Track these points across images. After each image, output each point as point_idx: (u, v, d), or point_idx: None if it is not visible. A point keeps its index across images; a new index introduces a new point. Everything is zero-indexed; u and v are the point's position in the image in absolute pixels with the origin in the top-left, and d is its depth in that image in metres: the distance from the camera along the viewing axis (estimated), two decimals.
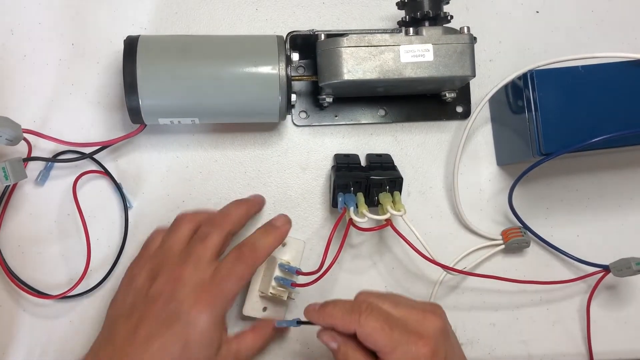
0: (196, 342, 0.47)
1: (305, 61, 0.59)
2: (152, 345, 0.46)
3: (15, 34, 0.58)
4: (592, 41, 0.63)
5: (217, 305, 0.48)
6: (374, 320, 0.46)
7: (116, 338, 0.47)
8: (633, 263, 0.56)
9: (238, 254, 0.50)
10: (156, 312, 0.47)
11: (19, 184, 0.56)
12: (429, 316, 0.47)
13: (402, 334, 0.45)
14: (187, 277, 0.48)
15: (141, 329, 0.47)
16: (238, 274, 0.49)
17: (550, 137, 0.53)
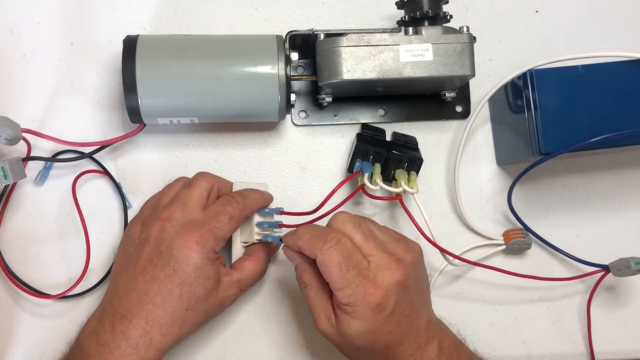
0: (193, 279, 0.48)
1: (304, 61, 0.59)
2: (151, 289, 0.47)
3: (14, 34, 0.58)
4: (591, 41, 0.63)
5: (207, 242, 0.48)
6: (334, 254, 0.46)
7: (119, 289, 0.49)
8: (632, 263, 0.56)
9: (228, 198, 0.51)
10: (149, 255, 0.48)
11: (19, 184, 0.56)
12: (392, 264, 0.46)
13: (356, 276, 0.45)
14: (174, 218, 0.49)
15: (138, 275, 0.48)
16: (228, 213, 0.50)
17: (550, 136, 0.53)
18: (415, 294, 0.48)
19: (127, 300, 0.48)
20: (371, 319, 0.46)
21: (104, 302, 0.50)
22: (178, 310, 0.48)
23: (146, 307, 0.47)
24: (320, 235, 0.47)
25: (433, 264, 0.59)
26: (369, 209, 0.60)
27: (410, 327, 0.48)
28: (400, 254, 0.48)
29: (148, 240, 0.49)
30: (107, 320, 0.47)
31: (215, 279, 0.49)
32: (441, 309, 0.54)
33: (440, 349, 0.48)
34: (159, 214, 0.50)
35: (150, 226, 0.49)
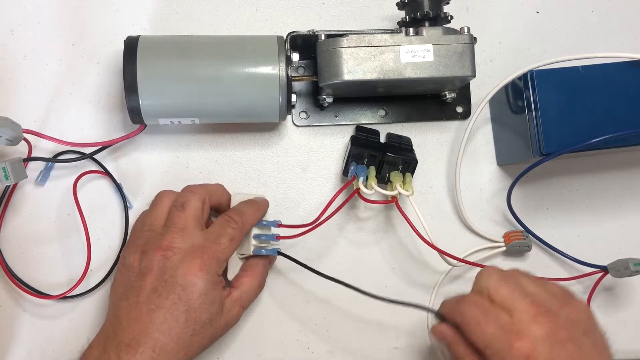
0: (198, 305, 0.47)
1: (305, 61, 0.59)
2: (157, 317, 0.47)
3: (15, 34, 0.58)
4: (592, 41, 0.63)
5: (211, 267, 0.48)
6: (470, 311, 0.45)
7: (121, 319, 0.48)
8: (631, 264, 0.56)
9: (226, 218, 0.51)
10: (152, 285, 0.48)
11: (19, 184, 0.56)
12: (540, 317, 0.43)
13: (498, 331, 0.43)
14: (175, 245, 0.48)
15: (142, 304, 0.47)
16: (228, 235, 0.50)
17: (551, 137, 0.53)
18: (578, 353, 0.43)
19: (131, 329, 0.47)
20: None
21: (105, 331, 0.49)
22: (184, 337, 0.47)
23: (152, 336, 0.46)
24: (459, 300, 0.47)
25: (433, 266, 0.59)
26: (365, 212, 0.60)
27: None
28: (553, 307, 0.44)
29: (150, 269, 0.48)
30: (112, 349, 0.46)
31: (219, 302, 0.49)
32: None
33: None
34: (159, 243, 0.49)
35: (151, 256, 0.48)
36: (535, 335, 0.43)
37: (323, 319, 0.59)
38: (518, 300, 0.44)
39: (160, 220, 0.51)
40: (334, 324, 0.59)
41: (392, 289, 0.60)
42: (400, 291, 0.60)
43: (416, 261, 0.60)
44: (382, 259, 0.60)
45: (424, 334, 0.60)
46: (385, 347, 0.60)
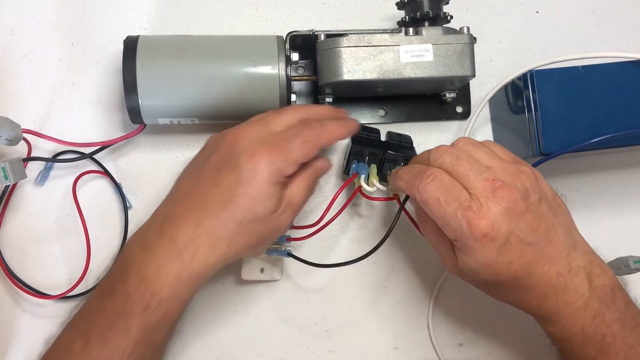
0: (254, 193, 0.44)
1: (305, 61, 0.59)
2: (209, 194, 0.44)
3: (14, 34, 0.58)
4: (592, 41, 0.63)
5: (277, 161, 0.44)
6: (430, 191, 0.44)
7: (176, 194, 0.47)
8: (631, 261, 0.56)
9: (306, 123, 0.48)
10: (215, 162, 0.46)
11: (19, 184, 0.56)
12: (499, 192, 0.43)
13: (457, 209, 0.43)
14: (251, 131, 0.46)
15: (199, 179, 0.45)
16: (303, 137, 0.46)
17: (550, 137, 0.53)
18: (537, 220, 0.44)
19: (181, 204, 0.45)
20: (483, 252, 0.43)
21: (157, 209, 0.47)
22: (231, 223, 0.44)
23: (199, 213, 0.44)
24: (417, 174, 0.46)
25: (437, 262, 0.59)
26: (366, 209, 0.60)
27: (539, 255, 0.44)
28: (509, 179, 0.44)
29: (219, 148, 0.46)
30: (156, 223, 0.45)
31: (276, 201, 0.45)
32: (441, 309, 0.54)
33: (590, 285, 0.44)
34: (237, 129, 0.47)
35: (225, 135, 0.47)
36: (493, 212, 0.43)
37: (323, 318, 0.59)
38: (474, 177, 0.44)
39: (254, 118, 0.49)
40: (334, 324, 0.59)
41: (391, 289, 0.60)
42: (400, 291, 0.60)
43: (417, 258, 0.60)
44: (385, 255, 0.60)
45: (425, 335, 0.60)
46: (385, 347, 0.60)
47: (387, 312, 0.60)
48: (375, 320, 0.60)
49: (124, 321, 0.43)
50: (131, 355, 0.44)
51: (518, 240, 0.43)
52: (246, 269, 0.56)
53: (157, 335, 0.45)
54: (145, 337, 0.44)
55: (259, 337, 0.58)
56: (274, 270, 0.57)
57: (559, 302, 0.44)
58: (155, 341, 0.45)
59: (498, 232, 0.43)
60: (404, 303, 0.60)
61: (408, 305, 0.60)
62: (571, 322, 0.44)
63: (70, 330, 0.47)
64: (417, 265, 0.60)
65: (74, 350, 0.44)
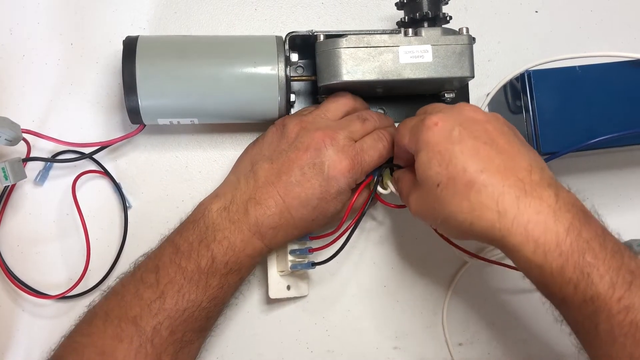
0: (331, 199, 0.50)
1: (304, 61, 0.59)
2: (293, 191, 0.49)
3: (14, 34, 0.58)
4: (591, 41, 0.63)
5: (355, 172, 0.50)
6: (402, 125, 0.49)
7: (259, 176, 0.51)
8: (635, 244, 0.57)
9: (382, 134, 0.53)
10: (302, 161, 0.50)
11: (19, 184, 0.56)
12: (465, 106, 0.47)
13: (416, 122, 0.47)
14: (338, 138, 0.50)
15: (284, 173, 0.50)
16: (379, 150, 0.52)
17: (548, 137, 0.53)
18: (498, 132, 0.44)
19: (265, 190, 0.50)
20: (434, 140, 0.44)
21: (234, 183, 0.52)
22: (306, 219, 0.50)
23: (282, 206, 0.49)
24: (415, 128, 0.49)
25: (437, 262, 0.60)
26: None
27: (494, 155, 0.43)
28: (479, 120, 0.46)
29: (307, 147, 0.50)
30: (242, 203, 0.50)
31: (345, 203, 0.52)
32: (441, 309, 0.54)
33: (557, 197, 0.41)
34: (324, 128, 0.51)
35: (312, 134, 0.50)
36: (446, 114, 0.45)
37: (322, 318, 0.59)
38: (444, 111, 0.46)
39: (336, 115, 0.53)
40: (334, 323, 0.59)
41: (390, 289, 0.60)
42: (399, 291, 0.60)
43: (417, 259, 0.60)
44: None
45: (424, 334, 0.60)
46: (385, 347, 0.60)
47: (386, 312, 0.60)
48: (374, 320, 0.60)
49: (206, 279, 0.49)
50: (205, 309, 0.49)
51: (472, 136, 0.43)
52: (273, 288, 0.56)
53: (229, 293, 0.52)
54: (221, 294, 0.50)
55: (259, 337, 0.58)
56: (301, 286, 0.57)
57: (520, 207, 0.40)
58: (226, 299, 0.52)
59: (449, 124, 0.44)
60: (403, 303, 0.60)
61: (407, 305, 0.60)
62: (542, 235, 0.40)
63: (135, 284, 0.49)
64: (416, 265, 0.60)
65: (145, 300, 0.48)
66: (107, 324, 0.48)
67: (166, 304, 0.47)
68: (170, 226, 0.53)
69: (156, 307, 0.47)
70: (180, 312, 0.48)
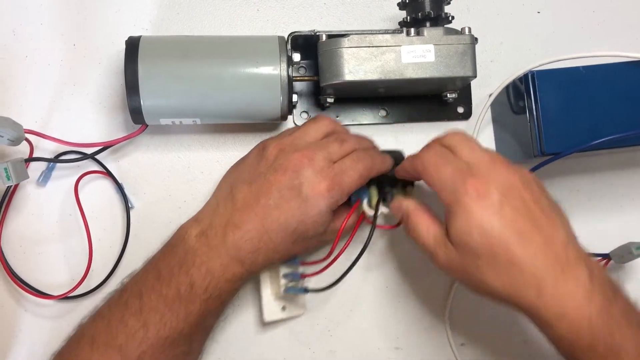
0: (311, 222, 0.49)
1: (306, 62, 0.59)
2: (271, 214, 0.49)
3: (16, 35, 0.58)
4: (593, 42, 0.63)
5: (334, 194, 0.49)
6: (429, 156, 0.48)
7: (237, 200, 0.50)
8: (633, 248, 0.57)
9: (362, 154, 0.52)
10: (280, 183, 0.49)
11: (21, 185, 0.56)
12: (497, 165, 0.45)
13: (454, 172, 0.45)
14: (315, 161, 0.49)
15: (262, 196, 0.49)
16: (358, 171, 0.50)
17: (552, 137, 0.53)
18: (534, 202, 0.44)
19: (243, 214, 0.49)
20: (476, 210, 0.43)
21: (213, 207, 0.51)
22: (286, 242, 0.49)
23: (261, 230, 0.48)
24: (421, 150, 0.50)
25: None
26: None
27: (534, 231, 0.43)
28: (512, 164, 0.46)
29: (285, 169, 0.49)
30: (220, 227, 0.49)
31: (326, 226, 0.51)
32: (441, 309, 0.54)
33: (590, 276, 0.42)
34: (302, 149, 0.50)
35: (291, 156, 0.49)
36: (491, 179, 0.44)
37: (324, 319, 0.59)
38: (479, 154, 0.46)
39: (315, 136, 0.52)
40: (335, 323, 0.59)
41: (392, 289, 0.60)
42: (401, 291, 0.60)
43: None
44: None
45: (426, 335, 0.60)
46: (386, 347, 0.60)
47: (388, 312, 0.60)
48: (376, 320, 0.60)
49: (186, 305, 0.48)
50: (187, 335, 0.49)
51: (512, 209, 0.43)
52: (267, 311, 0.56)
53: (212, 318, 0.51)
54: (201, 320, 0.49)
55: (260, 337, 0.58)
56: (295, 306, 0.57)
57: (558, 288, 0.42)
58: (209, 324, 0.52)
59: (491, 195, 0.43)
60: (405, 303, 0.60)
61: (409, 305, 0.60)
62: (577, 314, 0.41)
63: (121, 309, 0.49)
64: (418, 266, 0.60)
65: (130, 327, 0.47)
66: (93, 349, 0.47)
67: (149, 332, 0.47)
68: (172, 227, 0.53)
69: (140, 337, 0.47)
70: (163, 340, 0.47)
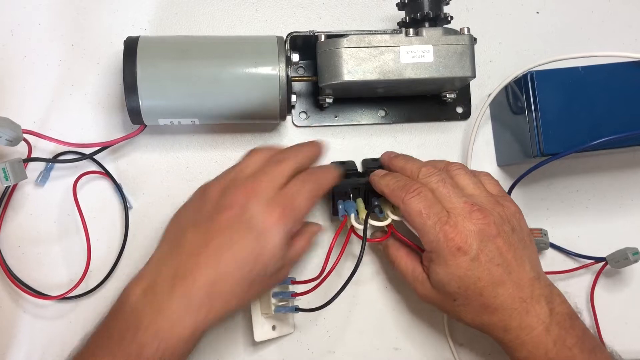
0: (268, 257, 0.46)
1: (305, 62, 0.59)
2: (223, 255, 0.45)
3: (15, 35, 0.58)
4: (592, 42, 0.63)
5: (288, 221, 0.47)
6: (415, 203, 0.49)
7: (184, 247, 0.46)
8: (629, 253, 0.57)
9: (306, 175, 0.50)
10: (228, 221, 0.46)
11: (19, 185, 0.56)
12: (475, 214, 0.48)
13: (436, 223, 0.48)
14: (261, 191, 0.47)
15: (212, 238, 0.46)
16: (309, 191, 0.49)
17: (551, 137, 0.53)
18: (506, 246, 0.48)
19: (192, 260, 0.45)
20: (455, 263, 0.47)
21: (161, 257, 0.48)
22: (243, 285, 0.46)
23: (214, 272, 0.45)
24: (403, 187, 0.50)
25: None
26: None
27: (505, 277, 0.47)
28: (487, 206, 0.49)
29: (231, 206, 0.47)
30: (167, 279, 0.45)
31: (284, 259, 0.48)
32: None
33: (550, 312, 0.48)
34: (245, 184, 0.48)
35: (234, 193, 0.47)
36: (468, 230, 0.47)
37: (323, 319, 0.59)
38: (455, 199, 0.49)
39: (254, 168, 0.50)
40: (334, 324, 0.59)
41: (391, 290, 0.60)
42: (400, 292, 0.60)
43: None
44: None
45: (426, 335, 0.60)
46: (385, 347, 0.60)
47: (387, 313, 0.60)
48: (375, 321, 0.60)
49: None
50: None
51: (487, 259, 0.47)
52: (258, 331, 0.55)
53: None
54: None
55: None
56: (285, 325, 0.57)
57: (522, 325, 0.47)
58: None
59: (470, 248, 0.47)
60: (404, 303, 0.60)
61: (408, 305, 0.60)
62: (534, 346, 0.47)
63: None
64: None
65: None
66: None
67: None
68: None
69: None
70: None
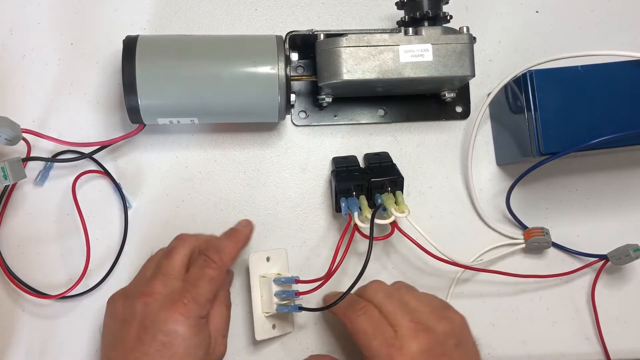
0: (183, 351, 0.47)
1: (304, 61, 0.59)
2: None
3: (14, 34, 0.58)
4: (591, 41, 0.63)
5: (191, 311, 0.47)
6: (360, 323, 0.49)
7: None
8: (630, 250, 0.57)
9: (204, 258, 0.51)
10: (135, 333, 0.47)
11: (18, 184, 0.56)
12: (420, 333, 0.48)
13: (382, 345, 0.47)
14: (156, 291, 0.48)
15: (129, 354, 0.46)
16: (207, 276, 0.50)
17: (550, 137, 0.53)
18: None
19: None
20: None
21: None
22: None
23: None
24: (350, 305, 0.51)
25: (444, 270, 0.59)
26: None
27: None
28: (431, 323, 0.49)
29: (133, 317, 0.47)
30: None
31: (206, 344, 0.49)
32: None
33: None
34: (141, 289, 0.49)
35: (134, 302, 0.48)
36: (413, 351, 0.47)
37: (323, 319, 0.59)
38: (401, 317, 0.49)
39: (150, 270, 0.51)
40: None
41: None
42: None
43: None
44: (383, 257, 0.60)
45: None
46: None
47: None
48: None
49: None
50: None
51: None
52: (258, 329, 0.55)
53: None
54: None
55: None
56: (285, 324, 0.57)
57: None
58: None
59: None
60: None
61: None
62: None
63: None
64: (418, 266, 0.60)
65: None
66: None
67: None
68: (170, 226, 0.53)
69: None
70: None
